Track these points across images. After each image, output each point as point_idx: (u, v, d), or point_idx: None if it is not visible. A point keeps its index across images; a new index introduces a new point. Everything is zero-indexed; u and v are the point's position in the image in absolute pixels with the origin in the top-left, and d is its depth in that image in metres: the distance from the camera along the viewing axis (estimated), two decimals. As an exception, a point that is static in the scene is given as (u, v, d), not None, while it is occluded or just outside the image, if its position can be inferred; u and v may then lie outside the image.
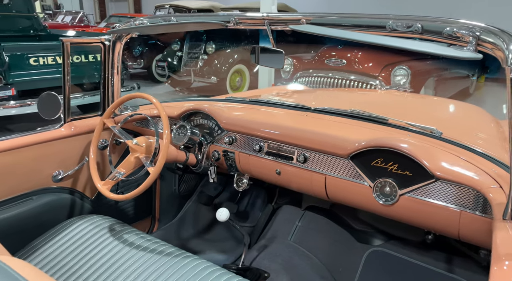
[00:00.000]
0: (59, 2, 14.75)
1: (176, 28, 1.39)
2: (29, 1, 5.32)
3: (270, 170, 1.37)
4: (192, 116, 1.54)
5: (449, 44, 0.84)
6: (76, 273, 1.08)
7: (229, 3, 7.30)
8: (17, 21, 4.97)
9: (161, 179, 1.84)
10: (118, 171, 1.26)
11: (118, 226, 1.25)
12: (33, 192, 1.30)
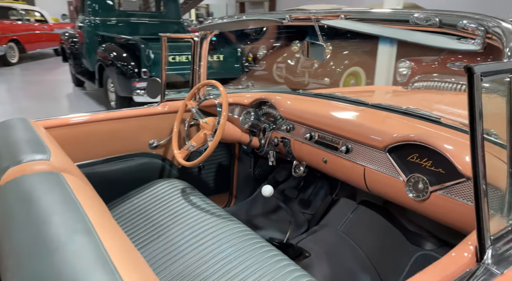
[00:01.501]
0: (211, 11, 16.91)
1: (240, 25, 1.60)
2: (178, 9, 6.40)
3: (318, 158, 1.46)
4: (262, 105, 1.74)
5: (459, 37, 0.85)
6: (155, 223, 1.39)
7: (361, 3, 7.22)
8: (167, 26, 6.07)
9: (239, 161, 2.10)
10: (191, 144, 1.56)
11: (197, 193, 1.54)
12: (134, 154, 1.70)
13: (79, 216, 0.69)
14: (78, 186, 0.84)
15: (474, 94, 0.65)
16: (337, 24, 1.16)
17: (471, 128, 0.67)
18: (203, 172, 1.96)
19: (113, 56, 4.58)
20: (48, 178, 0.82)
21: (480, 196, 0.68)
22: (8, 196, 0.79)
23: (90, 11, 5.62)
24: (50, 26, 10.34)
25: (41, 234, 0.63)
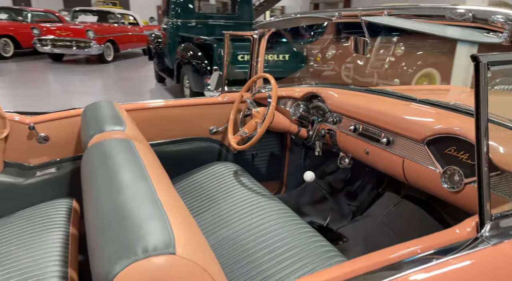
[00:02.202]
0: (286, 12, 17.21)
1: (294, 23, 1.72)
2: (251, 12, 6.70)
3: (360, 149, 1.53)
4: (313, 99, 1.85)
5: (488, 30, 0.88)
6: (209, 197, 1.60)
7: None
8: (241, 27, 6.41)
9: (290, 151, 2.22)
10: (243, 131, 1.73)
11: (249, 177, 1.71)
12: (195, 138, 1.93)
13: (140, 170, 0.89)
14: (143, 152, 1.06)
15: (480, 81, 0.71)
16: (378, 20, 1.23)
17: (476, 112, 0.72)
18: (256, 159, 2.13)
19: (189, 55, 5.00)
20: (121, 143, 1.05)
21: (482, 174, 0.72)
22: (93, 154, 1.03)
23: (173, 14, 6.18)
24: (140, 28, 11.48)
25: (112, 178, 0.84)
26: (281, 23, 1.70)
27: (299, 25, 1.77)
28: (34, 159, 1.55)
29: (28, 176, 1.52)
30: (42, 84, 6.97)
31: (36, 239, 1.20)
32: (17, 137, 1.50)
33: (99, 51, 9.27)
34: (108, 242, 0.61)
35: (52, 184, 1.55)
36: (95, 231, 0.68)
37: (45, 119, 1.54)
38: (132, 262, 0.55)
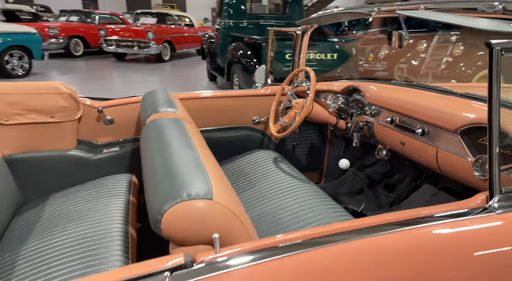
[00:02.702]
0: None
1: (335, 18, 1.79)
2: (302, 12, 6.78)
3: (396, 140, 1.58)
4: (353, 93, 1.92)
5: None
6: (250, 179, 1.74)
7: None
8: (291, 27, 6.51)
9: (330, 143, 2.30)
10: (283, 120, 1.85)
11: (289, 164, 1.83)
12: (240, 127, 2.09)
13: (187, 141, 1.05)
14: (190, 129, 1.22)
15: (493, 66, 0.77)
16: (415, 14, 1.29)
17: (489, 95, 0.78)
18: (296, 150, 2.24)
19: (239, 54, 5.21)
20: (173, 121, 1.23)
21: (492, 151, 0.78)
22: (149, 129, 1.22)
23: (226, 15, 6.44)
24: (195, 29, 12.02)
25: (164, 146, 1.01)
26: (322, 18, 1.80)
27: (340, 20, 1.83)
28: (101, 138, 1.80)
29: (96, 153, 1.76)
30: (107, 80, 7.62)
31: (103, 203, 1.42)
32: (88, 119, 1.75)
33: (157, 51, 9.88)
34: (161, 190, 0.77)
35: (115, 160, 1.79)
36: (151, 183, 0.85)
37: (111, 104, 1.77)
38: (178, 202, 0.70)
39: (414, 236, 0.77)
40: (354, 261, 0.71)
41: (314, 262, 0.68)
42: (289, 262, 0.67)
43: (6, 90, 1.50)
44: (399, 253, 0.74)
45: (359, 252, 0.72)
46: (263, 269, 0.65)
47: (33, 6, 14.33)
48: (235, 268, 0.64)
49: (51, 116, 1.60)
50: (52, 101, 1.59)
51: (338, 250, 0.72)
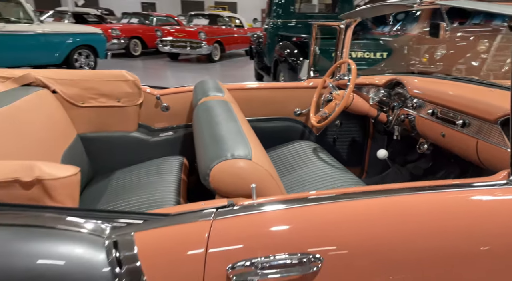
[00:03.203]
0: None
1: (378, 11, 1.83)
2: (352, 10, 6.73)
3: (437, 132, 1.61)
4: (395, 86, 1.96)
5: None
6: (290, 167, 1.85)
7: None
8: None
9: (373, 139, 2.35)
10: (324, 111, 1.94)
11: (328, 154, 1.92)
12: (282, 118, 2.21)
13: (231, 116, 1.20)
14: (235, 109, 1.38)
15: None
16: (455, 4, 1.33)
17: None
18: (337, 143, 2.31)
19: (286, 53, 5.33)
20: (220, 103, 1.39)
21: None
22: (200, 110, 1.39)
23: (275, 15, 6.59)
24: (244, 30, 12.33)
25: (212, 122, 1.17)
26: (365, 12, 1.86)
27: (382, 13, 1.87)
28: (158, 123, 2.02)
29: (153, 136, 1.98)
30: (162, 79, 8.11)
31: (159, 179, 1.62)
32: (148, 105, 1.97)
33: (208, 51, 10.29)
34: (209, 151, 0.92)
35: (169, 144, 2.00)
36: (202, 148, 1.01)
37: (167, 92, 1.99)
38: (223, 160, 0.84)
39: (446, 198, 0.84)
40: (383, 215, 0.80)
41: (343, 212, 0.79)
42: (317, 210, 0.78)
43: (83, 76, 1.76)
44: (428, 212, 0.82)
45: (387, 207, 0.81)
46: (292, 212, 0.78)
47: (99, 9, 15.54)
48: (268, 210, 0.77)
49: (117, 100, 1.84)
50: (119, 87, 1.82)
51: (371, 203, 0.81)
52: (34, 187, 0.74)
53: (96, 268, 0.64)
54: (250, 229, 0.73)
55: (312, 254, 0.73)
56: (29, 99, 1.46)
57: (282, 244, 0.73)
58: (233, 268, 0.69)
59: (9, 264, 0.61)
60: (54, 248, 0.64)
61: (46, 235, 0.65)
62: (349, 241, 0.76)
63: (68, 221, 0.68)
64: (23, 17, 6.32)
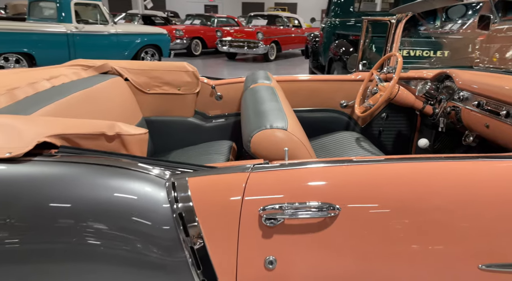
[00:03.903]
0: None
1: (429, 5, 1.83)
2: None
3: (481, 123, 1.60)
4: (445, 80, 1.95)
5: None
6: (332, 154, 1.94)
7: None
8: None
9: (419, 132, 2.33)
10: (368, 103, 1.99)
11: (372, 145, 1.97)
12: (328, 109, 2.29)
13: (274, 98, 1.33)
14: (279, 93, 1.50)
15: None
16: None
17: None
18: (383, 135, 2.33)
19: (341, 51, 5.32)
20: (267, 88, 1.53)
21: None
22: (248, 93, 1.54)
23: (333, 14, 6.59)
24: (302, 30, 12.37)
25: (256, 101, 1.31)
26: (416, 6, 1.88)
27: (434, 7, 1.86)
28: (212, 111, 2.21)
29: (207, 122, 2.18)
30: (218, 76, 8.48)
31: (209, 157, 1.80)
32: (204, 94, 2.17)
33: (264, 50, 10.52)
34: (252, 123, 1.06)
35: (221, 130, 2.18)
36: (246, 122, 1.15)
37: (222, 83, 2.17)
38: (263, 129, 0.98)
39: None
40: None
41: (372, 174, 0.89)
42: (340, 170, 0.89)
43: (151, 67, 2.00)
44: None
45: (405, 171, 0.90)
46: (317, 170, 0.89)
47: (165, 12, 16.57)
48: (296, 168, 0.89)
49: (178, 88, 2.06)
50: (180, 77, 2.04)
51: (388, 167, 0.90)
52: (115, 141, 0.94)
53: (159, 203, 0.81)
54: (279, 181, 0.87)
55: (330, 204, 0.84)
56: (105, 84, 1.72)
57: (306, 194, 0.86)
58: (264, 210, 0.83)
59: (94, 193, 0.79)
60: (129, 184, 0.82)
61: (123, 174, 0.83)
62: (363, 196, 0.87)
63: (139, 165, 0.86)
64: (100, 19, 7.02)
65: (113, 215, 0.79)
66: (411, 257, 0.87)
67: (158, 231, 0.80)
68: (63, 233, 0.78)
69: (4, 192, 0.76)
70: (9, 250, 0.77)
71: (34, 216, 0.77)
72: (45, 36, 6.20)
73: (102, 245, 0.79)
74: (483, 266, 0.87)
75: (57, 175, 0.80)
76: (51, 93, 1.35)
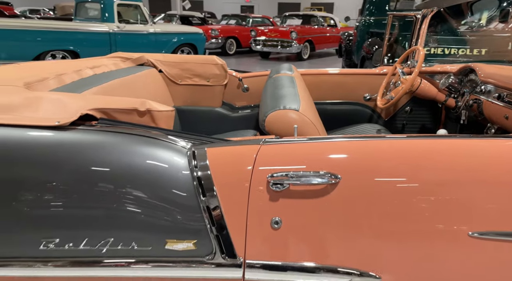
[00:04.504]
0: None
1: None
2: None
3: (501, 115, 1.60)
4: (469, 73, 1.94)
5: None
6: None
7: None
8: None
9: (444, 126, 2.32)
10: (390, 95, 2.02)
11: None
12: (351, 102, 2.33)
13: (292, 85, 1.42)
14: (298, 81, 1.59)
15: None
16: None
17: None
18: (406, 129, 2.34)
19: (374, 50, 5.28)
20: (288, 77, 1.62)
21: None
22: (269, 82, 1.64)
23: (367, 13, 6.52)
24: (337, 29, 12.26)
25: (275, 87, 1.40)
26: (442, 1, 1.89)
27: (458, 2, 1.86)
28: (238, 102, 2.33)
29: (234, 112, 2.30)
30: (251, 74, 8.64)
31: None
32: (231, 86, 2.29)
33: (298, 50, 10.55)
34: (268, 105, 1.16)
35: (246, 120, 2.29)
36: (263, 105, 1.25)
37: (248, 75, 2.28)
38: (277, 110, 1.07)
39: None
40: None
41: (373, 148, 0.97)
42: (342, 144, 0.98)
43: (183, 60, 2.15)
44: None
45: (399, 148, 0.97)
46: (321, 145, 0.98)
47: (203, 13, 17.00)
48: (303, 142, 0.98)
49: (207, 80, 2.19)
50: (209, 69, 2.17)
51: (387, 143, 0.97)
52: (146, 116, 1.07)
53: (181, 170, 0.93)
54: (286, 153, 0.96)
55: (332, 173, 0.93)
56: (141, 74, 1.88)
57: (310, 164, 0.95)
58: (272, 176, 0.93)
59: (128, 160, 0.92)
60: (157, 152, 0.95)
61: (153, 144, 0.96)
62: (363, 168, 0.95)
63: (167, 137, 0.99)
64: (140, 19, 7.39)
65: (143, 178, 0.92)
66: (402, 225, 0.93)
67: (181, 194, 0.92)
68: (101, 195, 0.92)
69: (53, 154, 0.91)
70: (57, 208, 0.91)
71: (76, 179, 0.91)
72: (89, 35, 6.62)
73: (134, 206, 0.92)
74: (475, 233, 0.92)
75: (96, 142, 0.94)
76: (93, 79, 1.52)
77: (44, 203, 0.91)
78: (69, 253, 0.92)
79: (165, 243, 0.92)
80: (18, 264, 0.92)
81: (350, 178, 0.93)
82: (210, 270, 0.93)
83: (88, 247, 0.92)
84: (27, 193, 0.91)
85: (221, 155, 0.97)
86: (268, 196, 0.93)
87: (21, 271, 0.92)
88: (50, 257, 0.92)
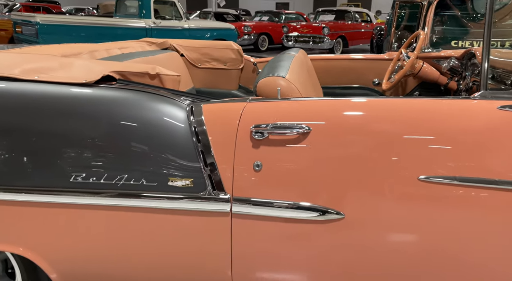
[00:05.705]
0: None
1: None
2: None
3: None
4: (472, 58, 2.00)
5: None
6: None
7: None
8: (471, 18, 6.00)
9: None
10: (394, 77, 2.12)
11: None
12: (360, 87, 2.44)
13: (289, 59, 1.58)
14: (296, 59, 1.74)
15: None
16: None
17: None
18: None
19: (403, 43, 5.25)
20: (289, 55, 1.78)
21: None
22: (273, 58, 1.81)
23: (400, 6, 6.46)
24: (372, 25, 12.09)
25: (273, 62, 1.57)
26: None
27: None
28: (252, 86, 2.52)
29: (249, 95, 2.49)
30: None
31: None
32: (247, 70, 2.48)
33: (330, 45, 10.55)
34: (262, 74, 1.34)
35: None
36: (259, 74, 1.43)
37: (263, 60, 2.46)
38: (267, 76, 1.25)
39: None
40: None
41: (344, 105, 1.14)
42: (320, 103, 1.15)
43: (202, 45, 2.37)
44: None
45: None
46: (299, 102, 1.14)
47: (237, 10, 17.33)
48: (283, 101, 1.16)
49: (224, 64, 2.40)
50: (226, 54, 2.37)
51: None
52: (156, 79, 1.29)
53: (182, 121, 1.14)
54: (267, 109, 1.15)
55: (305, 125, 1.10)
56: (164, 56, 2.12)
57: (289, 117, 1.13)
58: (254, 127, 1.11)
59: (139, 112, 1.15)
60: (164, 107, 1.17)
61: (162, 100, 1.18)
62: (330, 122, 1.12)
63: (171, 95, 1.21)
64: (175, 15, 7.77)
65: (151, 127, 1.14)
66: (361, 169, 1.09)
67: (181, 141, 1.13)
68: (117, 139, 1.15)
69: (80, 106, 1.15)
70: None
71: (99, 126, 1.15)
72: (127, 30, 7.09)
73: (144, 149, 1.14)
74: (422, 177, 1.05)
75: (115, 97, 1.17)
76: (120, 57, 1.77)
77: (74, 145, 1.15)
78: (92, 185, 1.15)
79: (168, 180, 1.13)
80: (53, 193, 1.17)
81: (319, 129, 1.10)
82: (204, 204, 1.13)
83: (107, 181, 1.15)
84: (62, 137, 1.15)
85: (214, 110, 1.17)
86: (251, 143, 1.12)
87: (55, 198, 1.17)
88: (78, 188, 1.16)
